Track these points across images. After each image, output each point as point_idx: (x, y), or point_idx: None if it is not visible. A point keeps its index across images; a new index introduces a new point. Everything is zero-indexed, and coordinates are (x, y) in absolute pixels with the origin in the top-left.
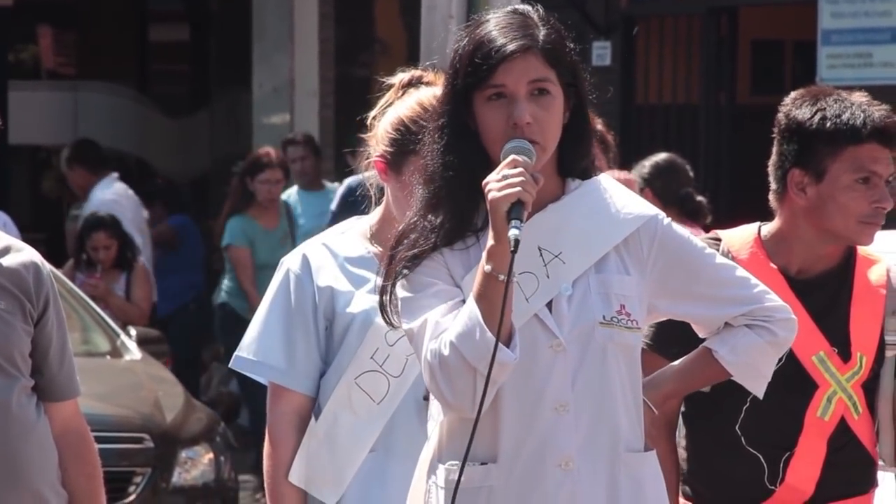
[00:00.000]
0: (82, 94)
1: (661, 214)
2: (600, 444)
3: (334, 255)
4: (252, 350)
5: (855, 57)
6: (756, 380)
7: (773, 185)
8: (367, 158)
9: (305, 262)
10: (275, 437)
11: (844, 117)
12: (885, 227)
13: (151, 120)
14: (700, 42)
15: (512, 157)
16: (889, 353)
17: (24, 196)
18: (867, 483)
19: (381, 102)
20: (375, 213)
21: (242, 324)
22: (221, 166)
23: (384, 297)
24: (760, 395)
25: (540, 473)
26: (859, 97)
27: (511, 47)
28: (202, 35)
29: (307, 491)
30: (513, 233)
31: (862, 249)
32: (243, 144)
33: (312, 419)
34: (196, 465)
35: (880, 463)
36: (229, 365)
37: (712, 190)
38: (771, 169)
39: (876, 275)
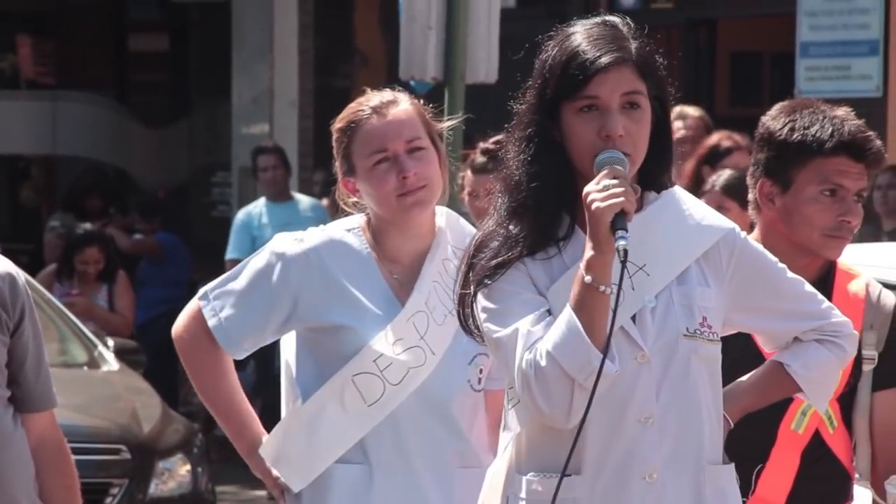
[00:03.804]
0: (61, 103)
1: (738, 228)
2: (685, 457)
3: (337, 255)
4: (218, 306)
5: (833, 69)
6: (822, 394)
7: (749, 196)
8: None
9: (306, 258)
10: (192, 357)
11: (813, 129)
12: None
13: (130, 130)
14: (679, 54)
15: (611, 167)
16: (866, 367)
17: (3, 206)
18: (841, 497)
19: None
20: (365, 215)
21: None
22: (200, 176)
23: (463, 306)
24: (823, 411)
25: (624, 486)
26: (840, 111)
27: (606, 59)
28: (182, 45)
29: (274, 468)
30: (620, 243)
31: (842, 263)
32: (222, 154)
33: (299, 401)
34: (173, 477)
35: (856, 477)
36: (198, 294)
37: None
38: (748, 179)
39: (855, 289)
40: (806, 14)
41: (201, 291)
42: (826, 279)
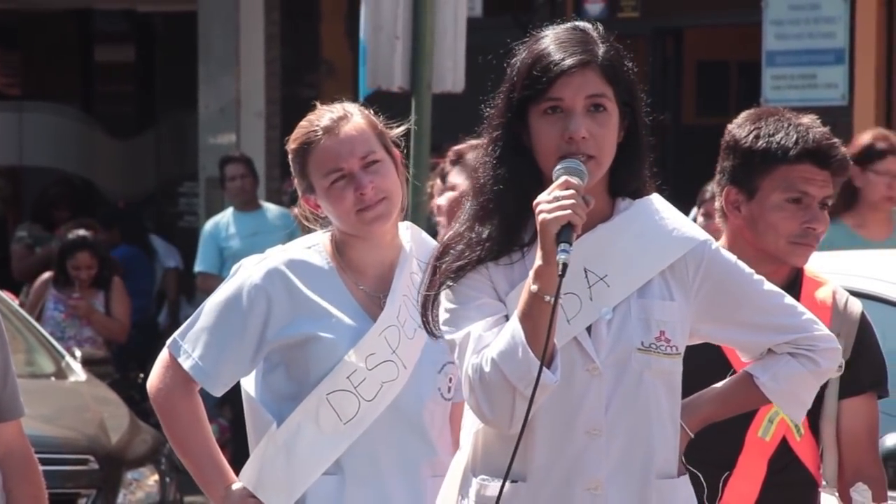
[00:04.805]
0: (27, 114)
1: (710, 240)
2: (632, 470)
3: (300, 272)
4: (190, 346)
5: (799, 78)
6: (796, 407)
7: (716, 203)
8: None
9: (269, 277)
10: (167, 408)
11: (778, 137)
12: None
13: (97, 140)
14: (645, 63)
15: (564, 178)
16: (833, 375)
17: None
18: None
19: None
20: (331, 230)
21: None
22: (167, 187)
23: (426, 307)
24: (799, 422)
25: (568, 496)
26: (806, 119)
27: (570, 62)
28: (148, 55)
29: (255, 494)
30: (561, 256)
31: (809, 271)
32: (189, 165)
33: (274, 425)
34: (141, 487)
35: (823, 484)
36: (167, 344)
37: None
38: (715, 186)
39: (822, 296)
40: (772, 23)
41: (170, 340)
42: (793, 286)
